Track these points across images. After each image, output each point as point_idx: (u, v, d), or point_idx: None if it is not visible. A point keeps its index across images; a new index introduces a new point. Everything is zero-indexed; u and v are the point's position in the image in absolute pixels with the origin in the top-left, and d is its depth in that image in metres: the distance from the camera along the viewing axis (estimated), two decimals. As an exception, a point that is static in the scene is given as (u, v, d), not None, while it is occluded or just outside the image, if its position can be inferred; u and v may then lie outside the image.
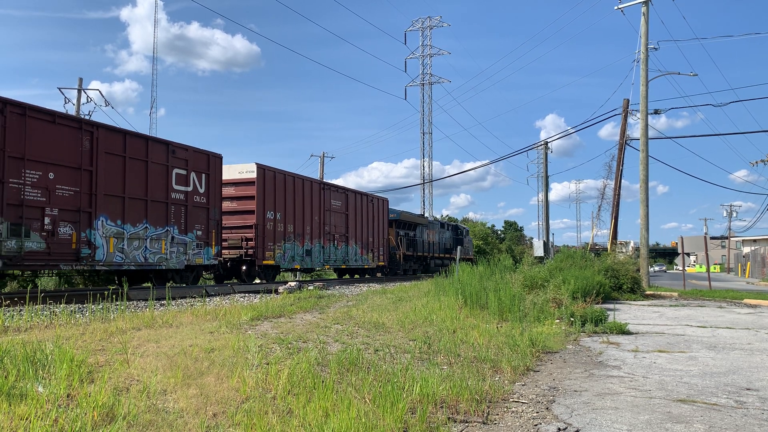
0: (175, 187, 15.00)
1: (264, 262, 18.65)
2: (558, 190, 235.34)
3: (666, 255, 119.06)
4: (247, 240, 18.32)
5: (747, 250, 61.36)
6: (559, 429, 4.05)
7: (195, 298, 12.58)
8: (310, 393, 4.33)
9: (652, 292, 19.15)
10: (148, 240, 14.09)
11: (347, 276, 27.68)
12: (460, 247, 26.13)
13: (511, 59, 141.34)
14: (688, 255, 32.01)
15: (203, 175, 15.99)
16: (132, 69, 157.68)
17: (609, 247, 26.99)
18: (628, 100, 26.16)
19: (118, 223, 13.32)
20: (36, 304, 9.90)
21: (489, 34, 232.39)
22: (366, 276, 27.37)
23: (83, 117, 12.89)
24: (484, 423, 4.19)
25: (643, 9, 22.45)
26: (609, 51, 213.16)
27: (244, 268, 18.61)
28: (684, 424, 4.18)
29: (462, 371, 5.57)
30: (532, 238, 75.34)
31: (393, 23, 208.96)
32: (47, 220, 11.74)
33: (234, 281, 19.13)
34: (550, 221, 43.10)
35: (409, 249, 31.02)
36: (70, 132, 12.38)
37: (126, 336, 6.20)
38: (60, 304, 9.92)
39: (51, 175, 11.88)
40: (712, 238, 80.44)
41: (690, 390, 5.27)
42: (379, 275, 28.21)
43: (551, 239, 43.19)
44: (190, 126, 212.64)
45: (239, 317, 8.07)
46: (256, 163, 18.66)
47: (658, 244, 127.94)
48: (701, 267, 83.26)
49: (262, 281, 18.85)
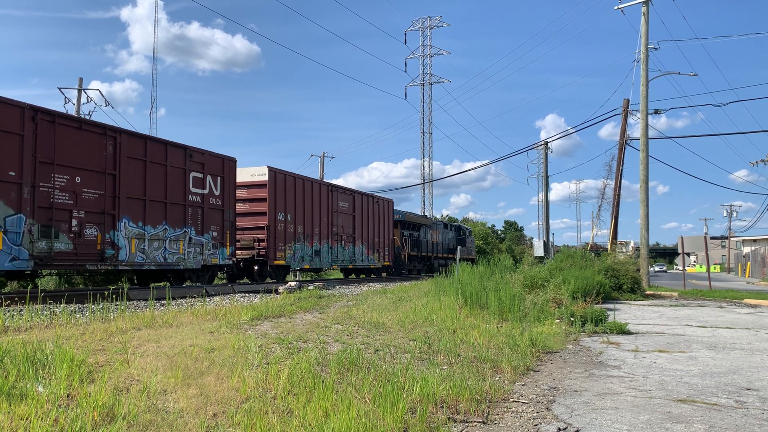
0: (192, 190, 15.59)
1: (275, 262, 19.16)
2: (558, 190, 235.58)
3: (666, 255, 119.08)
4: (259, 241, 18.90)
5: (747, 250, 61.38)
6: (560, 429, 4.05)
7: (195, 298, 12.59)
8: (310, 393, 4.33)
9: (652, 292, 19.14)
10: (167, 241, 14.68)
11: (353, 276, 27.93)
12: (460, 247, 26.21)
13: (511, 59, 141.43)
14: (688, 255, 32.01)
15: (218, 178, 16.55)
16: (132, 69, 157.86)
17: (609, 247, 26.98)
18: (628, 100, 26.19)
19: (139, 225, 13.92)
20: (36, 303, 9.90)
21: (489, 34, 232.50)
22: (372, 276, 27.62)
23: (107, 124, 13.42)
24: (484, 423, 4.19)
25: (643, 9, 22.45)
26: (609, 51, 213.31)
27: (256, 268, 19.16)
28: (684, 424, 4.18)
29: (462, 371, 5.57)
30: (532, 238, 75.45)
31: (393, 23, 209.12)
32: (74, 222, 12.34)
33: (245, 281, 19.60)
34: (550, 221, 43.14)
35: (414, 249, 31.36)
36: (95, 138, 12.98)
37: (126, 336, 6.20)
38: (60, 304, 9.92)
39: (78, 179, 12.48)
40: (712, 238, 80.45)
41: (690, 390, 5.27)
42: (384, 275, 28.48)
43: (551, 239, 43.18)
44: (190, 126, 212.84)
45: (239, 317, 8.07)
46: (267, 166, 19.24)
47: (658, 244, 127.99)
48: (701, 267, 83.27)
49: (273, 281, 19.27)
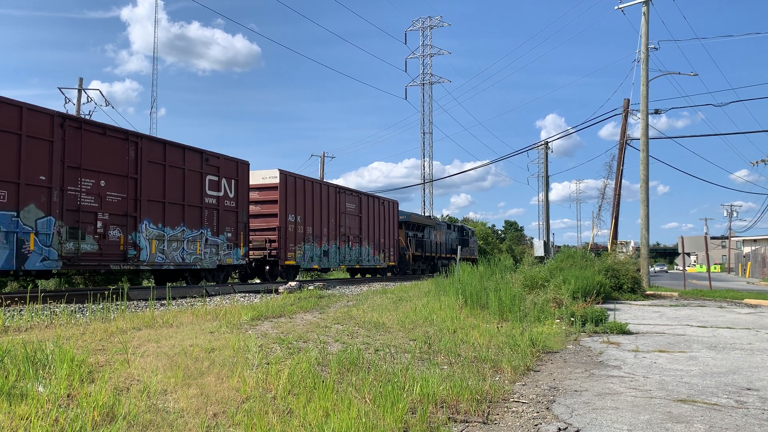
0: (208, 193, 16.12)
1: (286, 262, 19.71)
2: (558, 190, 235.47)
3: (666, 255, 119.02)
4: (271, 241, 19.44)
5: (747, 250, 61.37)
6: (560, 429, 4.05)
7: (195, 298, 12.60)
8: (310, 393, 4.33)
9: (652, 292, 19.14)
10: (185, 242, 15.22)
11: (359, 275, 28.36)
12: (460, 247, 26.35)
13: (511, 59, 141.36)
14: (688, 255, 31.96)
15: (232, 181, 17.06)
16: (132, 69, 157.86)
17: (609, 247, 26.97)
18: (628, 100, 26.17)
19: (159, 226, 14.42)
20: (36, 303, 9.90)
21: (489, 34, 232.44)
22: (377, 276, 28.06)
23: (129, 130, 13.99)
24: (484, 423, 4.19)
25: (644, 9, 22.43)
26: (609, 51, 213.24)
27: (267, 268, 19.84)
28: (684, 424, 4.18)
29: (462, 371, 5.56)
30: (532, 238, 75.40)
31: (393, 23, 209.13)
32: (99, 224, 12.87)
33: (256, 281, 20.20)
34: (550, 221, 43.13)
35: (418, 249, 31.83)
36: (117, 143, 13.48)
37: (126, 336, 6.20)
38: (60, 304, 9.92)
39: (102, 183, 13.00)
40: (712, 238, 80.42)
41: (690, 390, 5.27)
42: (390, 275, 28.91)
43: (551, 239, 43.15)
44: (190, 126, 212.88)
45: (239, 317, 8.07)
46: (278, 169, 19.83)
47: (658, 244, 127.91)
48: (702, 267, 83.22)
49: (283, 280, 19.76)
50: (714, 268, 70.86)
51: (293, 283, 16.23)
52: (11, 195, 11.07)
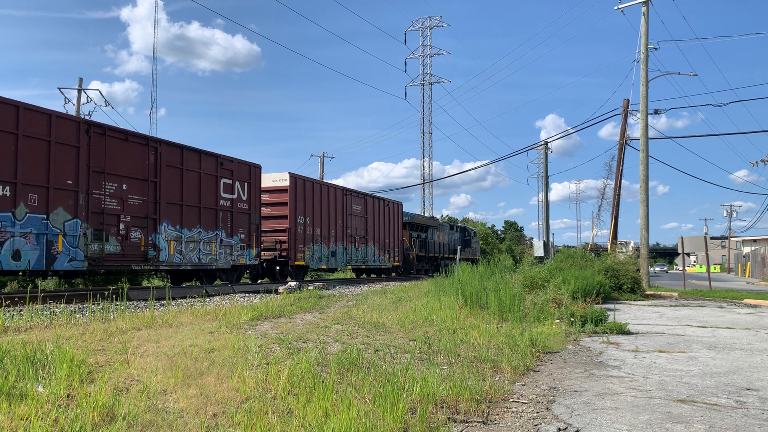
0: (223, 195, 16.64)
1: (296, 262, 20.25)
2: (558, 190, 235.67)
3: (666, 255, 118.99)
4: (281, 243, 20.00)
5: (747, 250, 61.36)
6: (560, 429, 4.05)
7: (195, 298, 12.61)
8: (310, 393, 4.33)
9: (652, 292, 19.13)
10: (201, 243, 15.77)
11: (364, 276, 28.83)
12: (460, 248, 26.39)
13: (511, 59, 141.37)
14: (688, 255, 31.93)
15: (245, 184, 17.57)
16: (132, 69, 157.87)
17: (609, 247, 26.98)
18: (628, 100, 26.19)
19: (177, 228, 14.96)
20: (36, 304, 9.90)
21: (489, 34, 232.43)
22: (382, 276, 28.58)
23: (150, 135, 14.57)
24: (484, 423, 4.19)
25: (643, 9, 22.44)
26: (609, 51, 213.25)
27: (278, 268, 20.42)
28: (684, 424, 4.18)
29: (462, 371, 5.56)
30: (532, 238, 75.39)
31: (393, 23, 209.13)
32: (122, 225, 13.40)
33: (266, 280, 20.70)
34: (550, 221, 43.12)
35: (422, 250, 32.37)
36: (138, 148, 13.98)
37: (126, 336, 6.20)
38: (60, 304, 9.92)
39: (124, 186, 13.52)
40: (712, 238, 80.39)
41: (690, 390, 5.27)
42: (394, 275, 29.43)
43: (551, 239, 43.16)
44: (190, 126, 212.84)
45: (239, 317, 8.07)
46: (288, 173, 20.26)
47: (658, 244, 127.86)
48: (701, 267, 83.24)
49: (294, 280, 20.27)
50: (714, 268, 70.88)
51: (293, 284, 16.24)
52: (41, 199, 11.61)
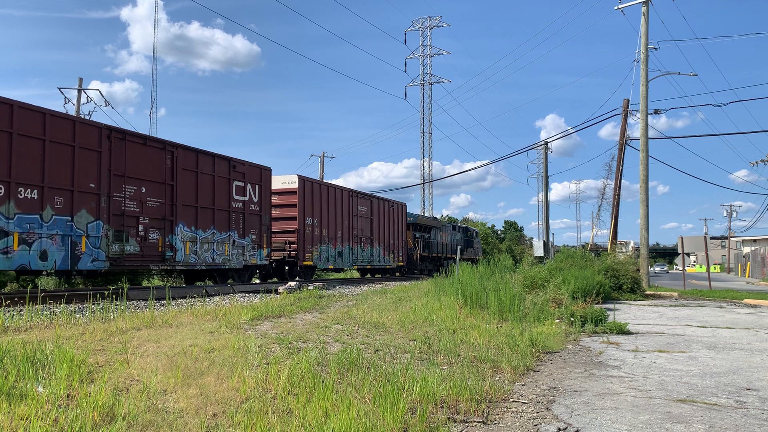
0: (235, 197, 17.06)
1: (304, 263, 20.72)
2: (558, 190, 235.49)
3: (666, 255, 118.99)
4: (290, 243, 20.56)
5: (747, 250, 61.36)
6: (559, 429, 4.05)
7: (195, 298, 12.61)
8: (310, 393, 4.33)
9: (652, 292, 19.14)
10: (215, 243, 16.23)
11: (369, 275, 29.18)
12: (460, 248, 26.50)
13: (511, 59, 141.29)
14: (688, 255, 31.95)
15: (257, 186, 17.99)
16: (132, 69, 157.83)
17: (609, 247, 26.98)
18: (628, 100, 26.19)
19: (192, 229, 15.39)
20: (36, 304, 9.90)
21: (489, 34, 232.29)
22: (387, 275, 29.02)
23: (166, 139, 14.88)
24: (484, 423, 4.19)
25: (643, 9, 22.45)
26: (609, 51, 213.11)
27: (287, 268, 20.88)
28: (684, 424, 4.18)
29: (462, 371, 5.56)
30: (532, 238, 75.34)
31: (393, 23, 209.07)
32: (141, 227, 13.81)
33: (275, 280, 21.08)
34: (550, 221, 43.10)
35: (425, 250, 32.80)
36: (156, 152, 14.36)
37: (126, 336, 6.20)
38: (60, 304, 9.92)
39: (143, 189, 13.90)
40: (712, 238, 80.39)
41: (690, 390, 5.27)
42: (398, 275, 29.87)
43: (551, 239, 43.12)
44: (190, 126, 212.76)
45: (239, 317, 8.07)
46: (297, 175, 20.71)
47: (658, 244, 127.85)
48: (701, 267, 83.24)
49: (301, 279, 20.77)
50: (714, 268, 70.87)
51: (293, 283, 16.25)
52: (66, 201, 12.02)
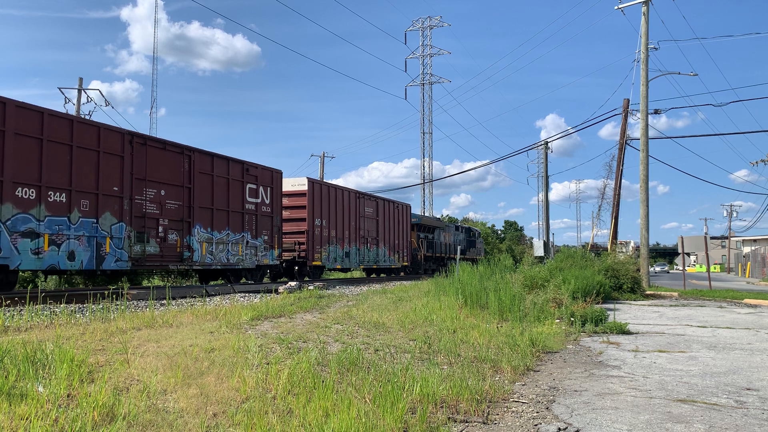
0: (248, 199, 17.64)
1: (313, 263, 21.23)
2: (558, 190, 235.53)
3: (666, 255, 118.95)
4: (300, 244, 21.05)
5: (747, 250, 61.35)
6: (560, 429, 4.05)
7: (195, 298, 12.61)
8: (310, 393, 4.33)
9: (652, 292, 19.14)
10: (229, 244, 16.81)
11: (374, 275, 29.65)
12: (460, 247, 26.65)
13: (511, 59, 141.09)
14: (688, 255, 31.93)
15: (268, 188, 18.60)
16: (132, 69, 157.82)
17: (609, 247, 26.98)
18: (628, 100, 26.18)
19: (208, 230, 16.00)
20: (36, 303, 9.90)
21: (489, 34, 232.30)
22: (392, 275, 29.48)
23: (184, 144, 15.40)
24: (484, 423, 4.19)
25: (644, 9, 22.44)
26: (609, 51, 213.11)
27: (296, 268, 21.47)
28: (684, 424, 4.18)
29: (462, 371, 5.56)
30: (532, 238, 75.30)
31: (393, 23, 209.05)
32: (160, 228, 14.35)
33: (284, 279, 21.51)
34: (550, 221, 43.10)
35: (429, 250, 33.24)
36: (174, 156, 14.93)
37: (126, 336, 6.20)
38: (60, 303, 9.92)
39: (162, 192, 14.46)
40: (712, 238, 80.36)
41: (690, 390, 5.27)
42: (403, 275, 30.25)
43: (551, 239, 43.11)
44: (190, 126, 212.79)
45: (239, 317, 8.07)
46: (307, 178, 21.37)
47: (658, 244, 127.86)
48: (701, 267, 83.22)
49: (309, 279, 21.26)
50: (714, 268, 70.88)
51: (293, 283, 16.26)
52: (92, 204, 12.59)
